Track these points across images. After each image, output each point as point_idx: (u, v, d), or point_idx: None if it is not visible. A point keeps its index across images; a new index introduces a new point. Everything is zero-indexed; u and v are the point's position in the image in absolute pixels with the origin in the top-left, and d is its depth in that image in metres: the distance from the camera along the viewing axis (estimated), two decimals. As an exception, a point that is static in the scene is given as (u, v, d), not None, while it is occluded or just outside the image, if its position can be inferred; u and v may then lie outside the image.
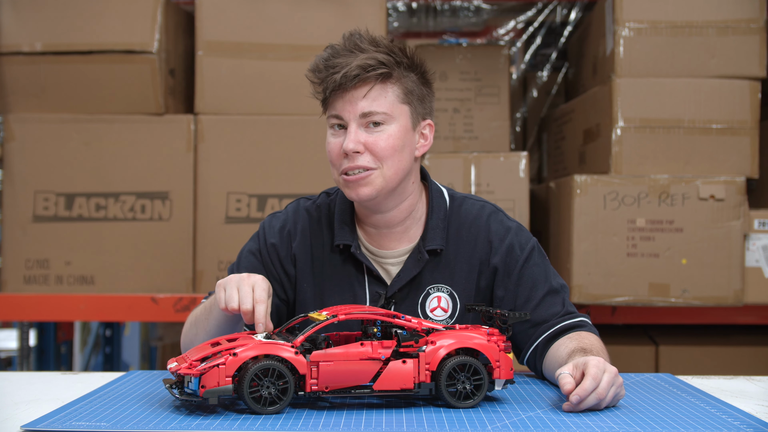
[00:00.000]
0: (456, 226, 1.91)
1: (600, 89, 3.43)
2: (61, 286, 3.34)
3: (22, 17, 3.35)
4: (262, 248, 1.95)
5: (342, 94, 1.79)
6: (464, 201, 1.96)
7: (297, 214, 1.97)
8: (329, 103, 1.82)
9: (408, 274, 1.87)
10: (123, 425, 1.41)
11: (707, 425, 1.44)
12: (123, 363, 5.18)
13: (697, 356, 3.46)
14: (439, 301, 1.88)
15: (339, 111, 1.80)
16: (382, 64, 1.78)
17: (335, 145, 1.82)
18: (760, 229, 3.22)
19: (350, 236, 1.90)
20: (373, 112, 1.79)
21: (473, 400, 1.53)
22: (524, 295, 1.88)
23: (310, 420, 1.44)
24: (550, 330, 1.85)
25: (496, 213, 1.94)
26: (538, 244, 1.94)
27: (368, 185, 1.81)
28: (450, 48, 3.94)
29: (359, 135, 1.79)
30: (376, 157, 1.80)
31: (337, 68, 1.78)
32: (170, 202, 3.34)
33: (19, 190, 3.36)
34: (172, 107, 3.44)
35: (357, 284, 1.89)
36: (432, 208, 1.91)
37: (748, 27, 3.25)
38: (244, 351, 1.47)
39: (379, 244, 1.91)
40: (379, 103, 1.79)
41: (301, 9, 3.35)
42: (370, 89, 1.79)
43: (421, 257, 1.87)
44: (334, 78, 1.77)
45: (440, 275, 1.89)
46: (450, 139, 3.83)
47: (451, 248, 1.90)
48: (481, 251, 1.90)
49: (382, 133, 1.80)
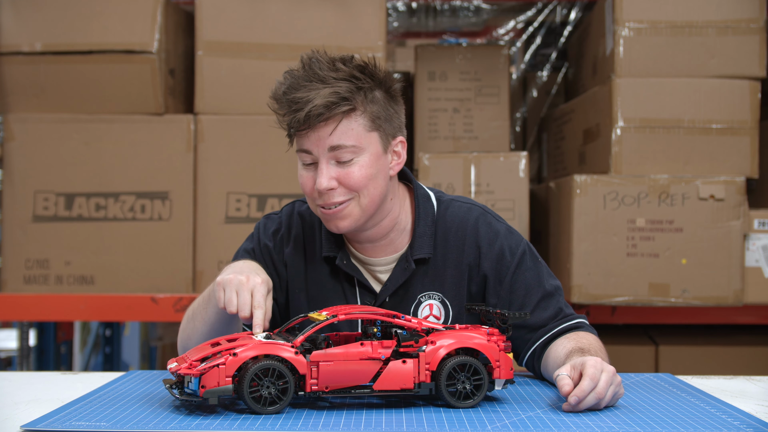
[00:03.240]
0: (443, 231, 1.89)
1: (600, 89, 3.43)
2: (61, 286, 3.34)
3: (22, 17, 3.35)
4: (257, 248, 1.95)
5: (307, 132, 1.75)
6: (451, 204, 1.93)
7: (291, 219, 1.96)
8: (295, 137, 1.79)
9: (395, 283, 1.86)
10: (123, 425, 1.41)
11: (707, 425, 1.44)
12: (123, 363, 5.18)
13: (697, 356, 3.46)
14: (431, 309, 1.87)
15: (307, 147, 1.77)
16: (344, 99, 1.73)
17: (308, 180, 1.79)
18: (760, 229, 3.22)
19: (336, 248, 1.89)
20: (342, 145, 1.75)
21: (473, 400, 1.54)
22: (518, 303, 1.86)
23: (310, 420, 1.44)
24: (548, 334, 1.84)
25: (484, 215, 1.91)
26: (529, 246, 1.91)
27: (346, 218, 1.79)
28: (450, 48, 3.94)
29: (330, 170, 1.76)
30: (350, 189, 1.77)
31: (299, 104, 1.72)
32: (170, 202, 3.34)
33: (19, 190, 3.36)
34: (172, 107, 3.44)
35: (349, 294, 1.89)
36: (419, 215, 1.89)
37: (748, 27, 3.25)
38: (244, 351, 1.47)
39: (368, 253, 1.91)
40: (347, 137, 1.75)
41: (301, 9, 3.35)
42: (337, 125, 1.74)
43: (407, 266, 1.86)
44: (298, 117, 1.73)
45: (430, 283, 1.88)
46: (450, 139, 3.83)
47: (439, 254, 1.88)
48: (470, 256, 1.88)
49: (353, 165, 1.76)
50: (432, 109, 3.84)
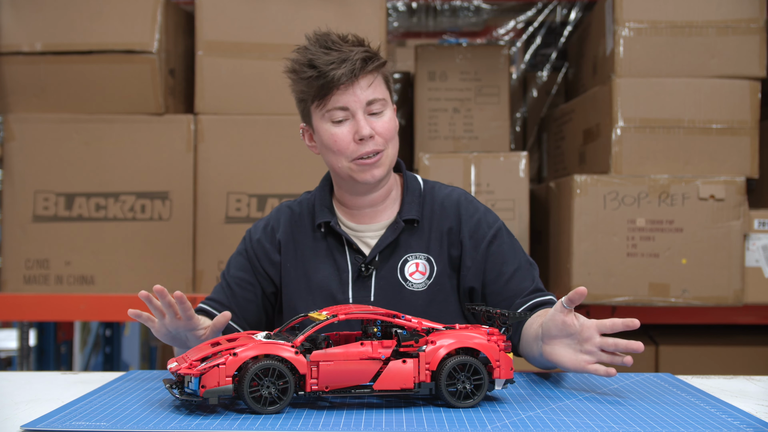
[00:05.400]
0: (430, 203, 2.04)
1: (600, 89, 3.43)
2: (61, 286, 3.34)
3: (22, 17, 3.35)
4: (248, 247, 2.08)
5: (346, 87, 1.88)
6: (435, 184, 2.10)
7: (279, 212, 2.11)
8: (327, 97, 1.90)
9: (386, 241, 1.98)
10: (123, 425, 1.41)
11: (707, 425, 1.44)
12: (123, 363, 5.19)
13: (697, 356, 3.46)
14: (417, 267, 1.99)
15: (344, 103, 1.89)
16: (377, 55, 1.92)
17: (346, 135, 1.91)
18: (760, 229, 3.22)
19: (329, 215, 2.03)
20: (376, 98, 1.91)
21: (473, 400, 1.54)
22: (495, 270, 1.99)
23: (310, 420, 1.44)
24: (524, 306, 1.95)
25: (466, 195, 2.08)
26: (505, 226, 2.06)
27: (381, 166, 1.94)
28: (450, 48, 3.94)
29: (369, 121, 1.91)
30: (384, 139, 1.92)
31: (335, 63, 1.87)
32: (170, 202, 3.34)
33: (19, 190, 3.36)
34: (172, 107, 3.44)
35: (339, 256, 2.01)
36: (407, 188, 2.05)
37: (748, 27, 3.25)
38: (244, 351, 1.47)
39: (359, 220, 2.03)
40: (379, 90, 1.92)
41: (301, 9, 3.35)
42: (374, 80, 1.91)
43: (397, 226, 1.99)
44: (337, 73, 1.86)
45: (416, 244, 2.00)
46: (450, 139, 3.83)
47: (426, 222, 2.02)
48: (451, 222, 2.02)
49: (384, 116, 1.93)
50: (432, 109, 3.84)
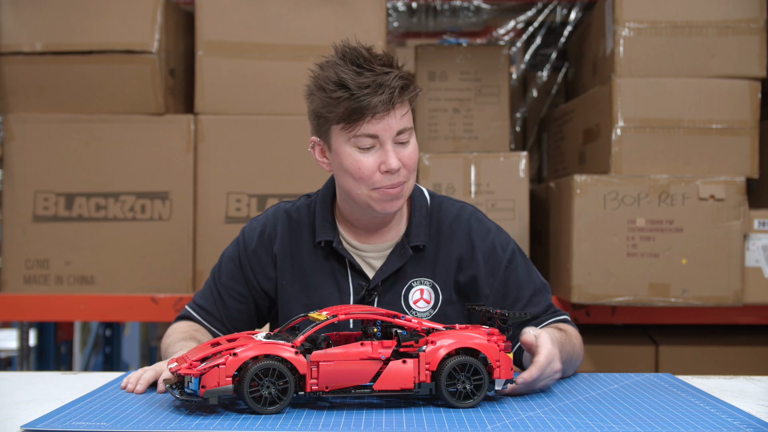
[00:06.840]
0: (437, 224, 1.96)
1: (600, 89, 3.42)
2: (61, 286, 3.34)
3: (22, 17, 3.35)
4: (242, 255, 1.99)
5: (381, 116, 1.76)
6: (443, 200, 2.01)
7: (276, 217, 2.01)
8: (357, 122, 1.76)
9: (391, 268, 1.91)
10: (123, 425, 1.41)
11: (707, 425, 1.44)
12: (123, 363, 5.18)
13: (697, 356, 3.46)
14: (422, 294, 1.93)
15: (375, 131, 1.77)
16: (413, 82, 1.80)
17: (372, 164, 1.79)
18: (760, 229, 3.22)
19: (332, 233, 1.94)
20: (406, 128, 1.81)
21: (473, 400, 1.54)
22: (512, 296, 1.94)
23: (310, 420, 1.44)
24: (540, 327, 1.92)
25: (476, 213, 2.00)
26: (517, 245, 2.01)
27: (401, 198, 1.85)
28: (450, 48, 3.94)
29: (396, 152, 1.80)
30: (408, 171, 1.83)
31: (370, 89, 1.73)
32: (170, 202, 3.34)
33: (19, 190, 3.36)
34: (172, 107, 3.44)
35: (341, 278, 1.93)
36: (414, 205, 1.96)
37: (748, 27, 3.25)
38: (244, 351, 1.47)
39: (363, 239, 1.95)
40: (409, 119, 1.82)
41: (301, 9, 3.35)
42: (407, 110, 1.81)
43: (405, 252, 1.91)
44: (373, 100, 1.73)
45: (422, 270, 1.93)
46: (450, 139, 3.83)
47: (432, 244, 1.95)
48: (462, 248, 1.94)
49: (410, 146, 1.83)
50: (432, 109, 3.84)
